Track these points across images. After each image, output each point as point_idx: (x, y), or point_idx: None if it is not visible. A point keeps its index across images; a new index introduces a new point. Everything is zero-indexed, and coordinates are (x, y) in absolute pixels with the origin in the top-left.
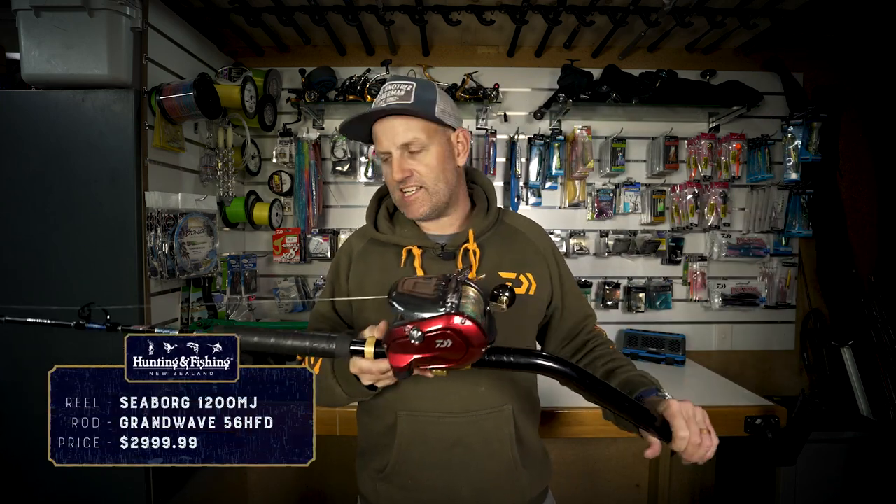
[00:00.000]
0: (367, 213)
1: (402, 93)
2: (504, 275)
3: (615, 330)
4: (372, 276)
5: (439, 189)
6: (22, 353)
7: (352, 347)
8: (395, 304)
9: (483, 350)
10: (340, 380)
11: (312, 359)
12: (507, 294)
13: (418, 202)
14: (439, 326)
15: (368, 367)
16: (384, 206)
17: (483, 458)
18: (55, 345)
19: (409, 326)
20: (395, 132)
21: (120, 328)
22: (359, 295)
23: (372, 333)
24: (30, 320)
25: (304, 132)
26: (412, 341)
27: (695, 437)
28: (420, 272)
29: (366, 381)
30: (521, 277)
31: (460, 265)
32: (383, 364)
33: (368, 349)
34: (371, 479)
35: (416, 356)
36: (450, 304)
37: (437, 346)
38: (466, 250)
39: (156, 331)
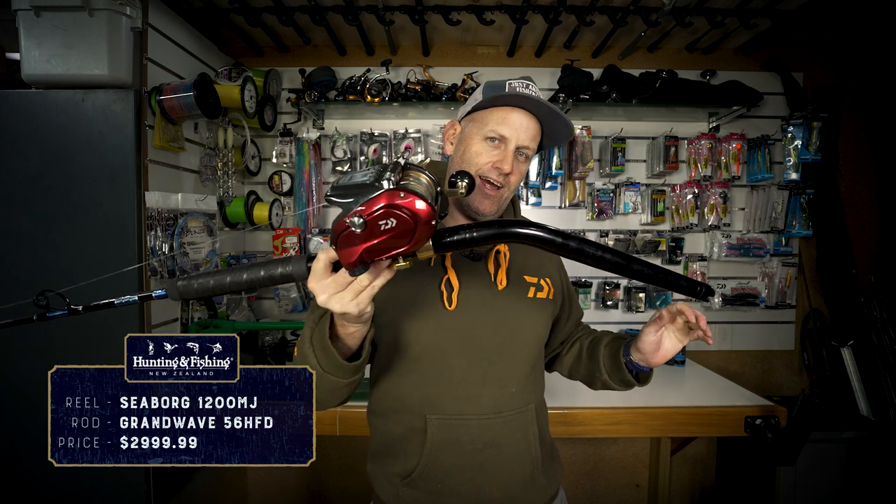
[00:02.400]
0: None
1: (544, 102)
2: (528, 279)
3: (615, 330)
4: (399, 275)
5: (509, 199)
6: (22, 353)
7: (308, 264)
8: (333, 198)
9: (433, 223)
10: (316, 348)
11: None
12: (465, 181)
13: (495, 200)
14: (380, 206)
15: (321, 271)
16: None
17: (512, 458)
18: (55, 344)
19: (349, 217)
20: (527, 131)
21: (81, 308)
22: (387, 301)
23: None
24: None
25: (304, 132)
26: (355, 229)
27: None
28: (451, 272)
29: (321, 296)
30: (542, 282)
31: (491, 267)
32: (340, 274)
33: (321, 255)
34: (392, 485)
35: (363, 246)
36: (387, 182)
37: (382, 227)
38: (497, 251)
39: (115, 302)
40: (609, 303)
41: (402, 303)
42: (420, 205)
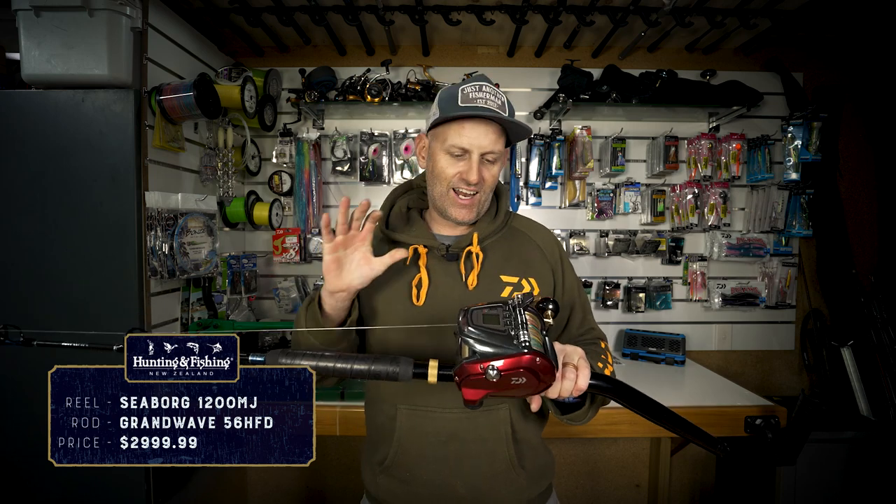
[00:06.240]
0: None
1: (500, 102)
2: (506, 278)
3: (615, 330)
4: (380, 274)
5: (488, 199)
6: (22, 353)
7: (415, 370)
8: (469, 340)
9: (554, 376)
10: (310, 324)
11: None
12: (550, 307)
13: (471, 207)
14: (516, 367)
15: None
16: (398, 205)
17: (478, 455)
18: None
19: (484, 365)
20: (486, 137)
21: (35, 343)
22: (370, 293)
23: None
24: None
25: (304, 132)
26: (489, 379)
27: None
28: (423, 271)
29: None
30: (524, 282)
31: (462, 267)
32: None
33: (432, 371)
34: (372, 472)
35: (490, 391)
36: (524, 343)
37: (513, 382)
38: (469, 252)
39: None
40: (609, 303)
41: (380, 298)
42: (548, 367)
